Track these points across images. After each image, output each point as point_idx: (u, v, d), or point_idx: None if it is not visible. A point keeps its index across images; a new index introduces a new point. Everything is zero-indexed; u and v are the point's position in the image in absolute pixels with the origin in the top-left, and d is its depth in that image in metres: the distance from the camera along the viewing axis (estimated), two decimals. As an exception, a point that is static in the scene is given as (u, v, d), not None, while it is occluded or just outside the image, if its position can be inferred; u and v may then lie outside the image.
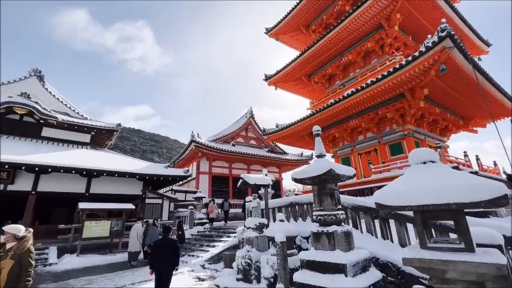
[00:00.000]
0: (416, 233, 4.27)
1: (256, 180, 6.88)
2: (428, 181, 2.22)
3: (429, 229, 2.34)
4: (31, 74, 17.60)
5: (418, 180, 2.29)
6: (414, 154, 2.56)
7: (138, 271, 8.54)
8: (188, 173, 16.48)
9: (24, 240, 3.58)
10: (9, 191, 12.41)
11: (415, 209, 2.23)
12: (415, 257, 2.20)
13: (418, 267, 2.19)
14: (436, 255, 2.12)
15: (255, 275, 5.85)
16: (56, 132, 16.52)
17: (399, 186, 2.40)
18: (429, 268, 2.13)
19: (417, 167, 2.46)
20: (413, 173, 2.43)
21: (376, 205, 2.41)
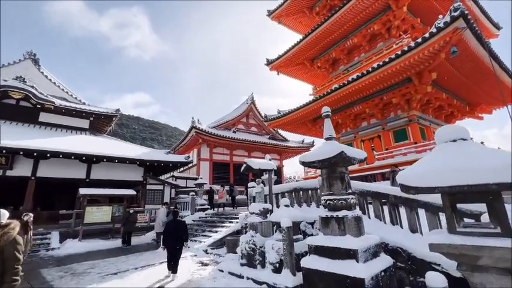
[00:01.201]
0: (431, 219, 4.11)
1: (260, 165, 6.69)
2: (460, 160, 2.00)
3: (458, 213, 2.14)
4: (26, 57, 17.05)
5: (448, 160, 2.07)
6: (442, 131, 2.32)
7: (140, 256, 8.52)
8: (189, 159, 16.33)
9: (9, 228, 2.84)
10: (8, 177, 12.27)
11: (446, 191, 2.02)
12: (444, 242, 2.01)
13: (447, 253, 2.01)
14: (467, 241, 1.93)
15: (259, 260, 5.78)
16: (54, 117, 16.21)
17: (426, 166, 2.18)
18: (460, 254, 1.95)
19: (446, 146, 2.24)
20: (441, 152, 2.21)
21: (401, 187, 2.21)
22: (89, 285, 5.64)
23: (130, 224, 11.17)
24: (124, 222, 11.28)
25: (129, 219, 11.20)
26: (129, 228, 11.10)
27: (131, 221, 11.27)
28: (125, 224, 11.12)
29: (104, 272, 6.67)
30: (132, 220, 11.31)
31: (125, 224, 11.14)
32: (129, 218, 11.25)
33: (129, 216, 11.39)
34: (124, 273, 6.46)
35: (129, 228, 11.11)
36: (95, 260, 8.06)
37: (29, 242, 6.67)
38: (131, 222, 11.26)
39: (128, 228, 11.05)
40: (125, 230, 11.05)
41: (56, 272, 6.77)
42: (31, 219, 6.84)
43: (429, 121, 14.35)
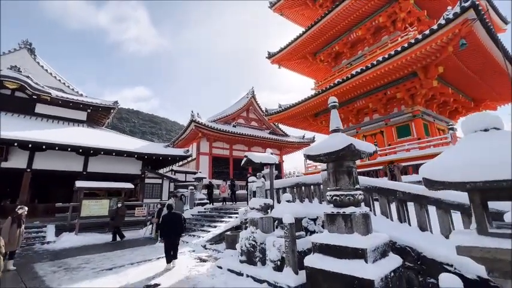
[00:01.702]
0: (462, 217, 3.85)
1: (262, 159, 6.43)
2: (496, 152, 1.73)
3: (489, 212, 1.89)
4: (21, 46, 16.63)
5: (480, 151, 1.81)
6: (471, 119, 2.06)
7: (137, 250, 8.33)
8: (188, 153, 16.07)
9: None
10: (3, 168, 12.01)
11: (478, 187, 1.76)
12: (475, 245, 1.76)
13: (479, 258, 1.76)
14: (503, 244, 1.68)
15: (259, 257, 5.56)
16: (50, 109, 15.89)
17: (454, 158, 1.92)
18: (494, 259, 1.70)
19: (476, 136, 1.97)
20: (471, 143, 1.94)
21: (425, 182, 1.95)
22: (82, 281, 5.43)
23: (118, 218, 10.76)
24: (112, 215, 10.80)
25: (118, 213, 10.76)
26: (118, 223, 10.65)
27: (120, 214, 10.85)
28: (114, 218, 10.67)
29: (99, 267, 6.46)
30: (121, 213, 10.89)
31: (114, 217, 10.68)
32: (118, 211, 10.82)
33: (117, 209, 10.97)
34: (119, 269, 6.25)
35: (118, 222, 10.67)
36: (90, 255, 7.86)
37: (21, 235, 6.49)
38: (120, 216, 10.83)
39: (116, 223, 10.61)
40: (113, 224, 10.59)
41: (49, 267, 6.56)
42: (25, 212, 6.65)
43: (433, 117, 14.07)
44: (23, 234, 6.74)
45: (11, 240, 6.16)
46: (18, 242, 6.46)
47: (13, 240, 6.22)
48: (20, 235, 6.55)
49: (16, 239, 6.33)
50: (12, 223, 6.37)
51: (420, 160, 10.58)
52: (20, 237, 6.56)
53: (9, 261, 6.33)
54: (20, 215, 6.65)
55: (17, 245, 6.45)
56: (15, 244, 6.30)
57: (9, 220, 6.41)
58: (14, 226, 6.34)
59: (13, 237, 6.23)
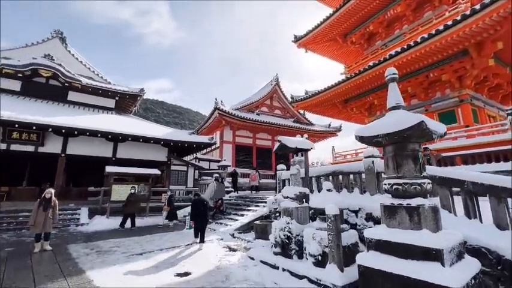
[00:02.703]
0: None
1: (297, 144, 5.87)
2: None
3: None
4: (53, 35, 17.16)
5: None
6: None
7: (165, 236, 8.27)
8: (213, 140, 15.88)
9: None
10: (40, 153, 12.56)
11: None
12: None
13: None
14: None
15: (295, 250, 5.11)
16: (81, 96, 16.37)
17: None
18: None
19: None
20: None
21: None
22: (113, 265, 5.34)
23: (132, 205, 10.20)
24: (125, 202, 10.26)
25: (130, 200, 10.23)
26: (130, 209, 10.07)
27: (132, 201, 10.27)
28: (126, 205, 10.14)
29: (129, 251, 6.41)
30: (133, 200, 10.32)
31: (126, 204, 10.14)
32: (130, 198, 10.29)
33: (130, 196, 10.43)
34: (149, 255, 6.14)
35: (130, 209, 10.08)
36: (120, 238, 7.91)
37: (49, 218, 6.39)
38: (132, 203, 10.24)
39: (129, 209, 10.04)
40: (126, 210, 10.01)
41: (82, 249, 6.63)
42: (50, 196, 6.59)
43: (483, 102, 12.52)
44: (52, 217, 6.54)
45: (36, 223, 6.21)
46: (45, 225, 6.32)
47: (38, 223, 6.23)
48: (47, 218, 6.38)
49: (41, 222, 6.26)
50: (39, 206, 6.36)
51: (469, 150, 9.43)
52: (47, 220, 6.39)
53: (45, 242, 6.41)
54: (46, 198, 6.54)
55: (43, 228, 6.31)
56: (39, 227, 6.24)
57: (37, 203, 6.43)
58: (40, 209, 6.33)
59: (38, 220, 6.23)
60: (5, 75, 14.07)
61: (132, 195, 10.54)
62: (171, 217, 10.73)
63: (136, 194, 10.82)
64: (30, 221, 6.29)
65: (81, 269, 5.06)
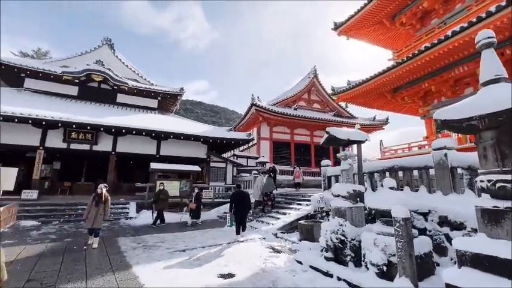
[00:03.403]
0: None
1: (349, 135, 5.15)
2: None
3: None
4: (103, 43, 18.60)
5: None
6: None
7: (207, 233, 8.19)
8: (250, 136, 15.63)
9: None
10: (94, 151, 13.63)
11: None
12: None
13: None
14: None
15: (351, 256, 4.46)
16: (128, 98, 17.48)
17: None
18: None
19: None
20: None
21: None
22: (158, 261, 5.29)
23: (160, 201, 9.86)
24: (155, 199, 10.03)
25: (159, 196, 9.91)
26: (159, 206, 9.79)
27: (162, 198, 9.92)
28: (156, 201, 9.90)
29: (173, 247, 6.38)
30: (163, 197, 9.97)
31: (156, 201, 9.91)
32: (160, 195, 9.94)
33: (159, 192, 10.09)
34: (192, 252, 6.02)
35: (159, 205, 9.79)
36: (164, 233, 8.04)
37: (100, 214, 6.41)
38: (162, 200, 9.89)
39: (158, 206, 9.78)
40: (156, 207, 9.80)
41: (130, 242, 6.81)
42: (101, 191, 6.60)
43: None
44: (103, 213, 6.48)
45: (88, 217, 6.34)
46: (95, 220, 6.30)
47: (89, 217, 6.32)
48: (98, 214, 6.36)
49: (92, 217, 6.29)
50: (92, 201, 6.47)
51: None
52: (98, 216, 6.36)
53: (94, 238, 6.38)
54: (97, 193, 6.57)
55: (94, 223, 6.30)
56: (90, 222, 6.28)
57: (91, 198, 6.58)
58: (93, 204, 6.42)
59: (90, 214, 6.33)
60: (65, 81, 15.60)
61: (161, 192, 10.11)
62: (197, 215, 10.11)
63: (165, 191, 10.35)
64: (85, 214, 6.51)
65: (128, 264, 5.09)
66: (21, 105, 11.97)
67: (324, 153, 22.75)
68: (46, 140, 12.81)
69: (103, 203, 6.50)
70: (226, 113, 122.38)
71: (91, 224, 6.30)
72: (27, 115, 11.24)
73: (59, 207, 10.78)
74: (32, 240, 7.02)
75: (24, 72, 14.92)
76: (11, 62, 14.52)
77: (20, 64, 14.75)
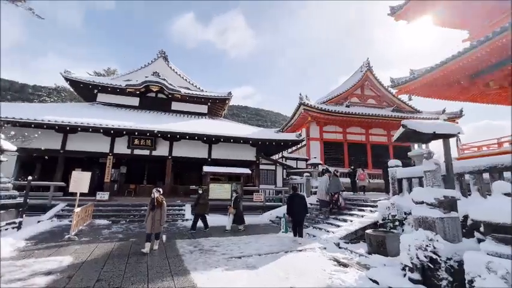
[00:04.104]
0: None
1: (436, 127, 4.15)
2: None
3: None
4: (158, 56, 20.18)
5: None
6: None
7: (261, 239, 7.80)
8: (300, 137, 14.93)
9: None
10: (153, 156, 14.66)
11: None
12: None
13: None
14: None
15: (448, 281, 3.52)
16: (181, 105, 18.52)
17: None
18: None
19: None
20: None
21: None
22: (215, 267, 5.08)
23: (201, 206, 9.23)
24: (195, 203, 9.45)
25: (199, 201, 9.28)
26: (199, 210, 9.18)
27: (201, 203, 9.28)
28: (195, 206, 9.33)
29: (228, 253, 6.15)
30: (202, 202, 9.30)
31: (195, 205, 9.33)
32: (199, 200, 9.31)
33: (199, 196, 9.42)
34: (248, 259, 5.68)
35: (200, 210, 9.18)
36: (219, 237, 7.94)
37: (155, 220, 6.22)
38: (201, 204, 9.25)
39: (199, 211, 9.17)
40: (196, 212, 9.25)
41: (187, 245, 6.83)
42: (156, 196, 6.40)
43: None
44: (160, 218, 6.26)
45: (147, 222, 6.22)
46: (153, 226, 6.13)
47: (148, 222, 6.21)
48: (155, 219, 6.18)
49: (150, 223, 6.14)
50: (149, 205, 6.36)
51: None
52: (155, 221, 6.17)
53: (156, 241, 6.33)
54: (152, 198, 6.35)
55: (152, 229, 6.13)
56: (149, 227, 6.14)
57: (149, 202, 6.43)
58: (149, 209, 6.30)
59: (149, 219, 6.21)
60: (128, 93, 17.26)
61: (200, 196, 9.45)
62: (238, 221, 9.44)
63: (204, 195, 9.74)
64: (145, 218, 6.43)
65: (186, 269, 4.99)
66: (95, 117, 13.55)
67: (382, 153, 20.63)
68: (114, 147, 14.27)
69: (158, 208, 6.29)
70: (271, 116, 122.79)
71: (149, 230, 6.15)
72: (99, 125, 12.64)
73: (125, 208, 11.76)
74: (103, 238, 7.61)
75: (96, 88, 17.00)
76: (86, 80, 16.70)
77: (93, 81, 16.86)
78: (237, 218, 9.42)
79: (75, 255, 5.72)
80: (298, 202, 7.64)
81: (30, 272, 4.63)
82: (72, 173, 8.18)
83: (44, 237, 7.57)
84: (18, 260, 5.33)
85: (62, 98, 30.64)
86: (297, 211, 7.57)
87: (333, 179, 9.68)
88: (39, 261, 5.25)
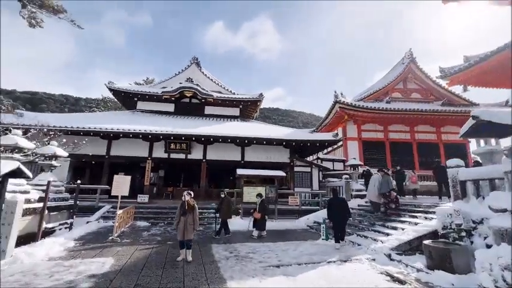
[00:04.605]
0: None
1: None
2: None
3: None
4: (191, 62, 20.82)
5: None
6: None
7: (300, 246, 7.30)
8: (338, 136, 14.05)
9: None
10: (188, 159, 14.99)
11: None
12: None
13: None
14: None
15: (553, 314, 2.70)
16: (214, 109, 18.80)
17: None
18: None
19: None
20: None
21: None
22: (252, 277, 4.75)
23: (223, 211, 8.72)
24: (218, 207, 8.98)
25: (222, 206, 8.79)
26: (224, 216, 8.69)
27: (224, 208, 8.75)
28: (219, 210, 8.86)
29: (265, 261, 5.78)
30: (224, 207, 8.76)
31: (219, 210, 8.85)
32: (222, 204, 8.83)
33: (222, 200, 8.92)
34: (286, 269, 5.25)
35: (224, 215, 8.69)
36: (254, 243, 7.62)
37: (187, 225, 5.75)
38: (223, 209, 8.74)
39: (223, 216, 8.69)
40: (221, 217, 8.74)
41: (222, 251, 6.63)
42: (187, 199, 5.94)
43: None
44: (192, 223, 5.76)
45: (178, 228, 5.75)
46: (185, 231, 5.64)
47: (179, 228, 5.74)
48: (186, 224, 5.66)
49: (182, 228, 5.66)
50: (180, 210, 5.85)
51: None
52: (188, 226, 5.67)
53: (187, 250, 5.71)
54: (183, 201, 5.87)
55: (185, 235, 5.64)
56: (181, 233, 5.67)
57: (178, 207, 5.93)
58: (180, 213, 5.81)
59: (180, 225, 5.73)
60: (164, 100, 18.02)
61: (223, 200, 8.94)
62: (259, 226, 8.59)
63: (227, 199, 9.16)
64: (175, 223, 5.93)
65: (222, 277, 4.74)
66: (134, 124, 14.30)
67: (431, 152, 18.67)
68: (153, 151, 14.91)
69: (190, 212, 5.80)
70: (303, 117, 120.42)
71: (182, 236, 5.66)
72: (138, 131, 13.27)
73: (163, 210, 12.09)
74: (143, 240, 7.77)
75: (136, 96, 18.03)
76: (126, 89, 17.82)
77: (133, 90, 17.94)
78: (259, 223, 8.55)
79: (117, 258, 5.83)
80: (339, 206, 7.25)
81: (75, 274, 4.76)
82: (114, 176, 8.56)
83: (90, 237, 7.99)
84: (67, 260, 5.58)
85: (108, 108, 33.38)
86: (338, 216, 7.14)
87: (383, 178, 8.97)
88: (85, 262, 5.43)
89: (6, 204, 5.78)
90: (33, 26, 5.28)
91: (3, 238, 5.55)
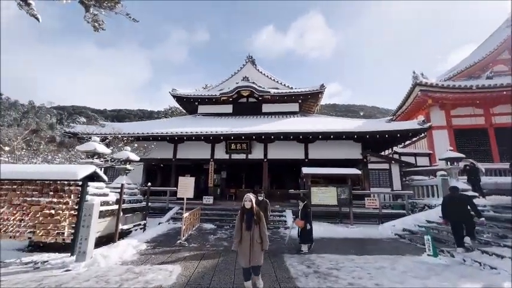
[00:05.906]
0: None
1: None
2: None
3: None
4: (247, 61, 20.54)
5: None
6: None
7: (397, 262, 5.67)
8: (425, 124, 11.46)
9: None
10: (249, 159, 14.49)
11: None
12: None
13: None
14: None
15: None
16: (271, 106, 18.01)
17: None
18: None
19: None
20: None
21: None
22: (346, 308, 3.54)
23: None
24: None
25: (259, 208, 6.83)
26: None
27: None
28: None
29: (357, 283, 4.47)
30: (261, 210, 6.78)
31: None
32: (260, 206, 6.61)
33: (259, 204, 7.01)
34: (393, 299, 3.85)
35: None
36: (335, 255, 6.31)
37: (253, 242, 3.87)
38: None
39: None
40: None
41: (298, 264, 5.56)
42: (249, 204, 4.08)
43: None
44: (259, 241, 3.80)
45: (240, 249, 3.85)
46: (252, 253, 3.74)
47: (242, 250, 3.80)
48: (254, 242, 3.77)
49: (247, 249, 3.75)
50: (241, 221, 3.96)
51: None
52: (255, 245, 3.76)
53: (255, 276, 3.94)
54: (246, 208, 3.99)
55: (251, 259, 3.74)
56: (246, 257, 3.75)
57: (238, 215, 4.06)
58: (243, 226, 3.89)
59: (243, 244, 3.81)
60: (222, 102, 18.09)
61: (260, 203, 7.57)
62: (305, 239, 6.82)
63: (264, 201, 8.10)
64: (234, 238, 3.96)
65: (306, 304, 3.67)
66: (196, 127, 14.55)
67: None
68: (214, 153, 14.94)
69: (256, 224, 3.88)
70: (365, 110, 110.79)
71: (247, 261, 3.73)
72: (200, 133, 13.37)
73: (228, 212, 11.74)
74: (210, 245, 7.32)
75: (196, 101, 18.61)
76: (187, 95, 18.54)
77: (193, 94, 18.55)
78: (303, 234, 6.84)
79: (184, 266, 5.38)
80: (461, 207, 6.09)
81: (143, 283, 4.39)
82: (179, 178, 8.42)
83: (161, 239, 7.99)
84: (137, 266, 5.37)
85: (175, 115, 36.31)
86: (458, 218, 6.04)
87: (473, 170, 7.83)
88: (153, 270, 5.11)
89: (85, 207, 5.96)
90: (97, 30, 5.21)
91: (83, 240, 5.68)
